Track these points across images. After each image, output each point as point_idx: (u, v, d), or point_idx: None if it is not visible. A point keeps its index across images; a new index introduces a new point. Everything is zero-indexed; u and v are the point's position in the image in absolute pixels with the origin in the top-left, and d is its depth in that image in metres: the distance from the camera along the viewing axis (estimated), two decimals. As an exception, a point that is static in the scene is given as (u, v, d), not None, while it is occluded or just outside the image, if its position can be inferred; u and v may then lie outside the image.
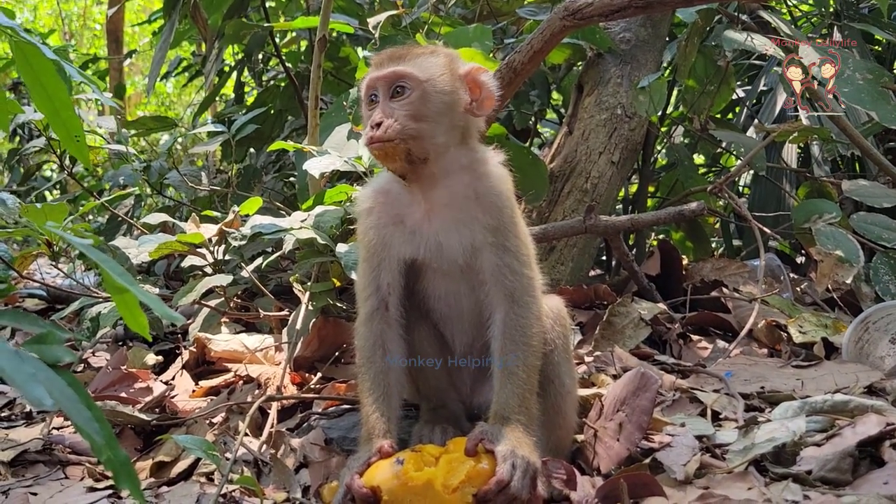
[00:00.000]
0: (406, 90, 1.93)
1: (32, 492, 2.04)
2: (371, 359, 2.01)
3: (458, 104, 1.97)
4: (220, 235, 2.97)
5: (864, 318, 2.72)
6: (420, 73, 1.94)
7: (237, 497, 1.93)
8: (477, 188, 1.98)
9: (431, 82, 1.94)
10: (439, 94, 1.94)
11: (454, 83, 1.97)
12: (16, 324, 1.35)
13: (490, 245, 1.95)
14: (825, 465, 1.71)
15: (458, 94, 1.97)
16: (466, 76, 1.99)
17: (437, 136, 1.94)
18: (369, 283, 2.05)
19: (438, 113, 1.94)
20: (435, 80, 1.94)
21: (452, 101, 1.96)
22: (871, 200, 3.31)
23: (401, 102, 1.92)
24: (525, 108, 4.70)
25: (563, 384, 2.02)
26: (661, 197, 5.02)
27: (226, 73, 6.40)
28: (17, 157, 5.12)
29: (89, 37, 16.62)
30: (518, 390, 1.85)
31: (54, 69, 1.70)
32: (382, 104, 1.94)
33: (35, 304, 4.64)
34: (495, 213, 1.96)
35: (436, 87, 1.94)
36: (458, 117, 1.97)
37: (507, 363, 1.88)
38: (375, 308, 2.04)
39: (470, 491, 1.70)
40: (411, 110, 1.92)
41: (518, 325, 1.91)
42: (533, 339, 1.91)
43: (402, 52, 1.98)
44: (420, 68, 1.94)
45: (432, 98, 1.93)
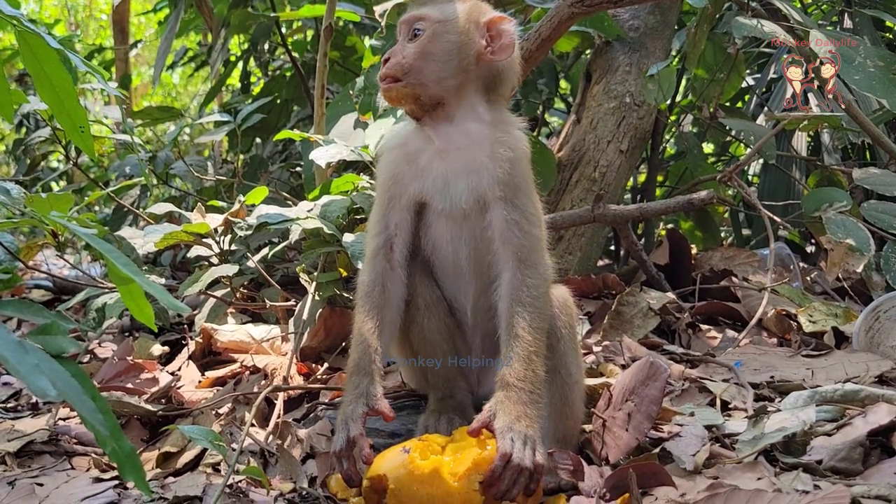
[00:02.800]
0: (421, 31, 1.98)
1: (38, 482, 2.04)
2: (369, 294, 2.03)
3: (468, 46, 1.98)
4: (226, 225, 2.96)
5: (875, 307, 2.70)
6: (436, 14, 1.98)
7: (244, 488, 1.93)
8: (492, 139, 1.99)
9: (443, 23, 1.97)
10: (449, 34, 1.97)
11: (469, 26, 1.99)
12: (20, 314, 1.34)
13: (499, 199, 1.94)
14: (835, 454, 1.70)
15: (471, 37, 1.99)
16: (488, 23, 2.01)
17: (445, 78, 1.97)
18: (378, 221, 2.06)
19: (446, 52, 1.97)
20: (448, 22, 1.98)
21: (462, 42, 1.98)
22: (882, 189, 3.28)
23: (414, 42, 1.97)
24: (533, 97, 4.69)
25: (570, 374, 2.00)
26: (669, 186, 5.00)
27: (232, 62, 6.39)
28: (23, 147, 5.11)
29: (95, 27, 16.60)
30: (523, 353, 1.83)
31: (58, 59, 1.69)
32: (399, 44, 2.00)
33: (41, 295, 4.65)
34: (507, 166, 1.96)
35: (447, 27, 1.97)
36: (470, 60, 1.99)
37: (513, 325, 1.86)
38: (381, 246, 2.05)
39: (477, 478, 1.70)
40: (419, 48, 1.96)
41: (525, 284, 1.89)
42: (540, 300, 1.89)
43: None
44: (438, 10, 1.99)
45: (441, 38, 1.97)
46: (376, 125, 3.12)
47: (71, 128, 1.78)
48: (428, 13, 1.98)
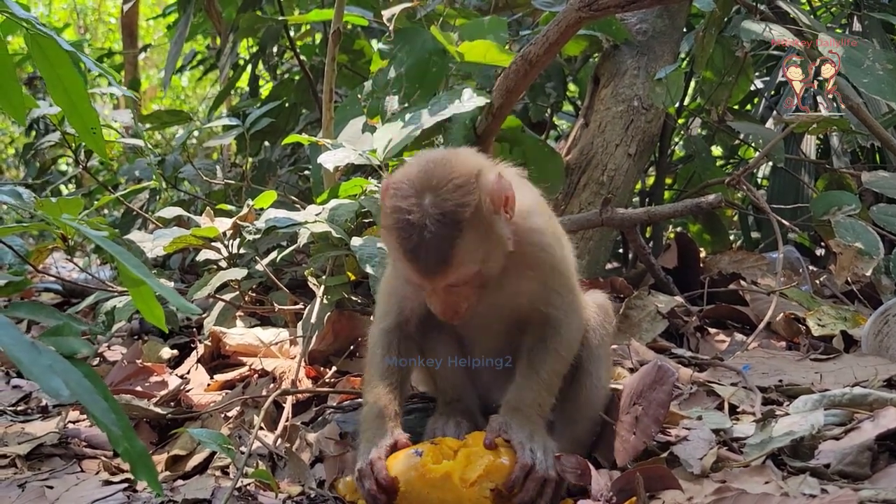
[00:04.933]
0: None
1: (48, 485, 2.05)
2: (383, 357, 2.02)
3: (502, 240, 1.79)
4: (235, 229, 2.97)
5: (884, 310, 2.69)
6: (469, 269, 1.76)
7: (252, 491, 1.93)
8: (519, 262, 1.88)
9: (484, 269, 1.78)
10: (494, 263, 1.80)
11: (493, 235, 1.77)
12: (32, 316, 1.35)
13: (536, 287, 1.92)
14: (843, 458, 1.70)
15: (500, 234, 1.78)
16: (496, 203, 1.77)
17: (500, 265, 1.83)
18: (391, 302, 2.04)
19: (495, 262, 1.80)
20: (486, 259, 1.77)
21: (499, 246, 1.79)
22: (892, 192, 3.27)
23: (460, 288, 1.80)
24: (541, 101, 4.68)
25: (599, 378, 2.02)
26: (678, 189, 4.98)
27: (240, 66, 6.41)
28: (33, 151, 5.14)
29: (104, 31, 16.64)
30: (536, 388, 1.86)
31: (70, 61, 1.70)
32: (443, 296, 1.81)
33: (51, 299, 4.67)
34: (540, 272, 1.92)
35: (489, 262, 1.78)
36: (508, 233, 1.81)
37: (534, 363, 1.88)
38: (394, 325, 2.04)
39: (488, 485, 1.70)
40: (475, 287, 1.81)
41: (554, 341, 1.90)
42: (565, 350, 1.91)
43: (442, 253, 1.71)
44: (466, 263, 1.74)
45: (490, 268, 1.80)
46: (384, 129, 3.12)
47: (83, 129, 1.79)
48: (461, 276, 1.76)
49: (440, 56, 3.38)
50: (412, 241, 1.70)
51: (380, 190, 1.86)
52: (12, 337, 1.01)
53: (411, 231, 1.69)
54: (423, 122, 3.04)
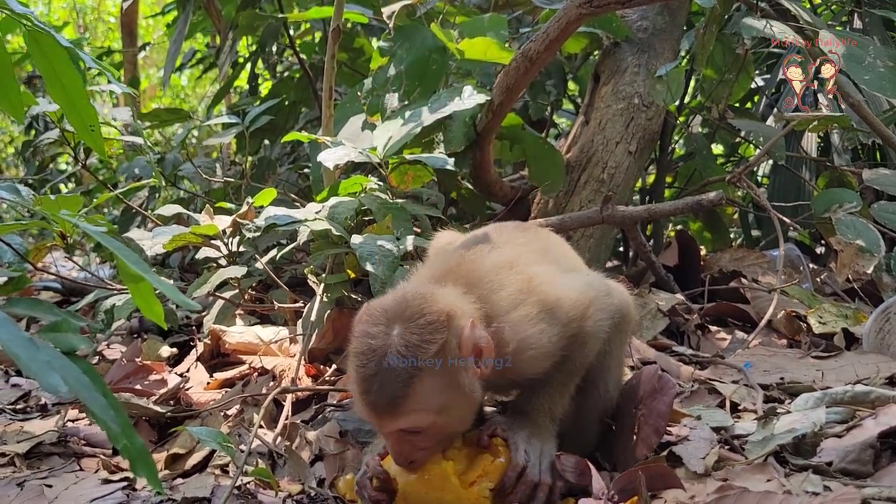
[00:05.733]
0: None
1: (47, 484, 2.04)
2: None
3: (466, 394, 1.68)
4: (235, 227, 2.96)
5: (886, 308, 2.69)
6: (422, 417, 1.65)
7: (252, 489, 1.93)
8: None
9: (439, 421, 1.67)
10: (453, 418, 1.71)
11: (457, 384, 1.66)
12: (31, 312, 1.34)
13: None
14: (846, 456, 1.69)
15: (465, 385, 1.67)
16: (465, 352, 1.66)
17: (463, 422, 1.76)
18: None
19: (455, 417, 1.71)
20: (443, 410, 1.67)
21: (462, 399, 1.69)
22: (893, 189, 3.26)
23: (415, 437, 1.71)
24: (541, 99, 4.67)
25: (607, 390, 1.98)
26: (678, 187, 4.98)
27: (240, 64, 6.40)
28: (32, 149, 5.13)
29: (103, 30, 16.63)
30: (547, 394, 1.84)
31: (69, 58, 1.69)
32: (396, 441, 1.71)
33: (50, 297, 4.66)
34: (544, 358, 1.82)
35: (447, 414, 1.68)
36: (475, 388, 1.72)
37: (549, 376, 1.84)
38: None
39: (487, 485, 1.70)
40: (434, 440, 1.73)
41: (575, 360, 1.85)
42: (582, 367, 1.87)
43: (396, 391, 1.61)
44: (420, 409, 1.64)
45: (449, 422, 1.71)
46: (384, 126, 3.12)
47: (81, 127, 1.78)
48: (413, 424, 1.66)
49: (440, 54, 3.38)
50: (368, 370, 1.62)
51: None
52: (10, 333, 1.01)
53: (371, 357, 1.62)
54: (423, 120, 3.04)
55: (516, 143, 3.70)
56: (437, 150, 3.30)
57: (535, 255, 2.00)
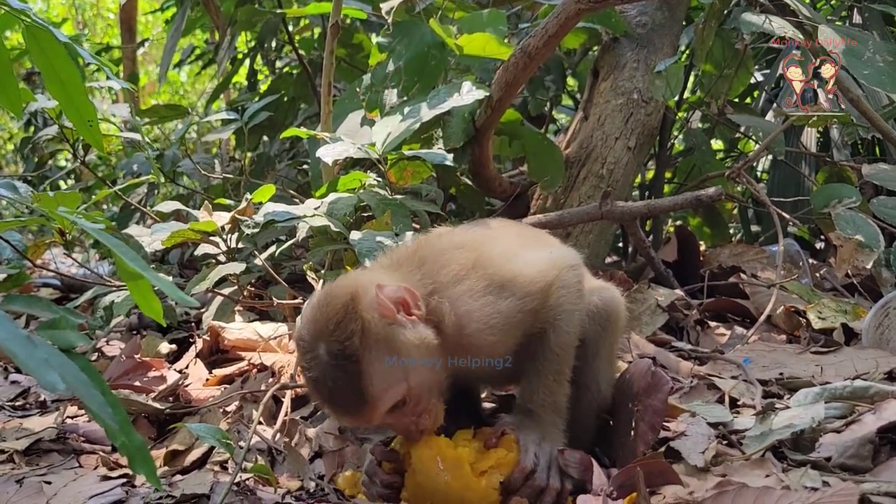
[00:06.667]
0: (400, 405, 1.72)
1: (46, 480, 2.04)
2: None
3: (415, 344, 1.70)
4: (233, 223, 2.95)
5: (885, 303, 2.69)
6: (394, 391, 1.68)
7: (251, 485, 1.93)
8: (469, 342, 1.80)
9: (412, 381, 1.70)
10: (422, 371, 1.72)
11: (400, 345, 1.68)
12: (29, 309, 1.34)
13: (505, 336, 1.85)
14: (845, 451, 1.69)
15: (409, 340, 1.70)
16: (383, 310, 1.69)
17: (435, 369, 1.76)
18: None
19: (423, 369, 1.72)
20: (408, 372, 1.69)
21: (416, 350, 1.70)
22: (892, 184, 3.25)
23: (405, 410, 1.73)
24: (540, 94, 4.67)
25: (599, 390, 1.99)
26: (678, 182, 4.98)
27: (238, 60, 6.40)
28: (30, 145, 5.12)
29: (102, 26, 16.60)
30: (546, 385, 1.83)
31: (67, 54, 1.69)
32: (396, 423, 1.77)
33: (49, 294, 4.66)
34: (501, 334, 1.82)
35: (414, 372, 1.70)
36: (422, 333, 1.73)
37: (537, 367, 1.85)
38: None
39: (498, 477, 1.71)
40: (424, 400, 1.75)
41: (552, 339, 1.84)
42: (564, 345, 1.85)
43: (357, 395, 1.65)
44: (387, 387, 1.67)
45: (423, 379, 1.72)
46: (383, 122, 3.11)
47: (80, 122, 1.78)
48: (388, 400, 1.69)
49: (439, 49, 3.37)
50: (325, 394, 1.68)
51: None
52: (8, 330, 1.00)
53: (319, 386, 1.67)
54: (422, 116, 3.03)
55: (515, 139, 3.69)
56: (437, 146, 3.30)
57: (490, 238, 2.00)
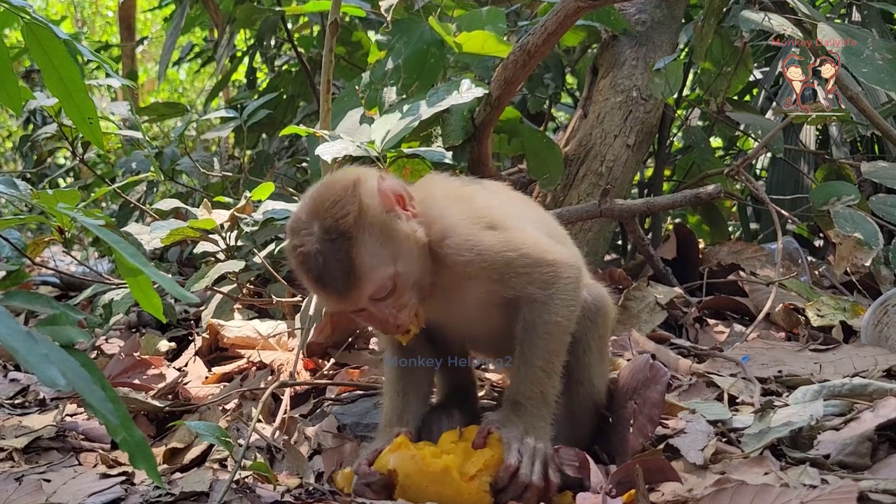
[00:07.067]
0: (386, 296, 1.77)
1: (46, 478, 2.04)
2: (391, 356, 2.02)
3: (407, 235, 1.77)
4: (233, 221, 2.96)
5: (884, 301, 2.69)
6: (381, 274, 1.73)
7: (250, 483, 1.93)
8: (452, 271, 1.84)
9: (400, 268, 1.75)
10: (410, 262, 1.77)
11: (394, 233, 1.75)
12: (29, 305, 1.34)
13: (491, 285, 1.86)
14: (843, 449, 1.69)
15: (402, 230, 1.77)
16: (387, 201, 1.77)
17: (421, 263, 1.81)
18: None
19: (411, 260, 1.77)
20: (396, 258, 1.75)
21: (406, 241, 1.77)
22: (891, 182, 3.26)
23: (387, 301, 1.77)
24: (539, 92, 4.67)
25: (592, 385, 1.98)
26: (677, 180, 4.98)
27: (238, 58, 6.39)
28: (29, 143, 5.12)
29: (101, 24, 16.61)
30: (534, 378, 1.80)
31: (66, 51, 1.69)
32: (377, 313, 1.79)
33: (49, 292, 4.66)
34: (482, 271, 1.83)
35: (402, 260, 1.76)
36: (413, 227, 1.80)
37: (525, 353, 1.82)
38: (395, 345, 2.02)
39: (487, 479, 1.70)
40: (407, 293, 1.78)
41: (541, 322, 1.81)
42: (557, 328, 1.82)
43: (344, 268, 1.69)
44: (375, 268, 1.72)
45: (410, 269, 1.77)
46: (382, 120, 3.11)
47: (79, 120, 1.78)
48: (375, 287, 1.74)
49: (438, 47, 3.37)
50: (314, 271, 1.71)
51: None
52: (8, 326, 1.00)
53: (309, 261, 1.71)
54: (422, 114, 3.03)
55: (514, 137, 3.69)
56: (436, 144, 3.30)
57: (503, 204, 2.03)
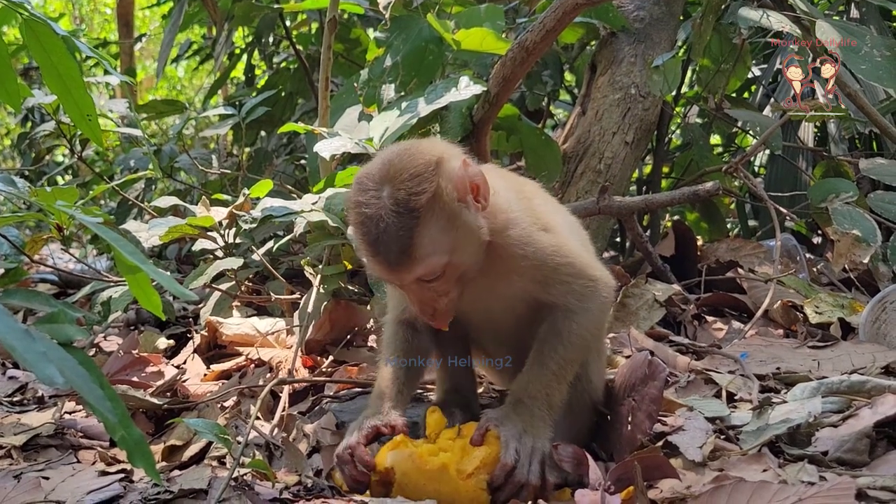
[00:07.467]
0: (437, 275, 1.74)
1: (44, 476, 2.04)
2: (394, 352, 2.02)
3: (472, 229, 1.74)
4: (231, 219, 2.96)
5: (882, 297, 2.69)
6: (435, 260, 1.70)
7: (249, 480, 1.92)
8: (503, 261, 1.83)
9: (454, 259, 1.73)
10: (466, 255, 1.75)
11: (459, 223, 1.72)
12: (27, 303, 1.34)
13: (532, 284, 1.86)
14: (841, 446, 1.69)
15: (468, 223, 1.73)
16: (461, 188, 1.72)
17: (476, 258, 1.79)
18: (396, 296, 2.03)
19: (468, 253, 1.76)
20: (454, 249, 1.72)
21: (469, 235, 1.74)
22: (889, 179, 3.26)
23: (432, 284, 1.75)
24: (538, 89, 4.67)
25: (590, 382, 1.98)
26: (675, 177, 4.98)
27: (236, 55, 6.39)
28: (27, 141, 5.11)
29: (100, 21, 16.60)
30: (544, 379, 1.81)
31: (65, 47, 1.69)
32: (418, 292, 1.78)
33: (47, 289, 4.66)
34: (530, 269, 1.84)
35: (459, 252, 1.73)
36: (480, 222, 1.77)
37: (543, 353, 1.82)
38: (401, 318, 2.04)
39: (484, 478, 1.70)
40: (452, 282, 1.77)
41: (567, 330, 1.83)
42: (580, 339, 1.84)
43: (402, 245, 1.67)
44: (431, 253, 1.69)
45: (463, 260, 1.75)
46: (381, 117, 3.11)
47: (78, 116, 1.78)
48: (428, 269, 1.71)
49: (436, 44, 3.36)
50: (371, 235, 1.67)
51: None
52: (6, 324, 1.00)
53: (369, 225, 1.67)
54: (420, 111, 3.03)
55: (513, 134, 3.69)
56: (434, 141, 3.29)
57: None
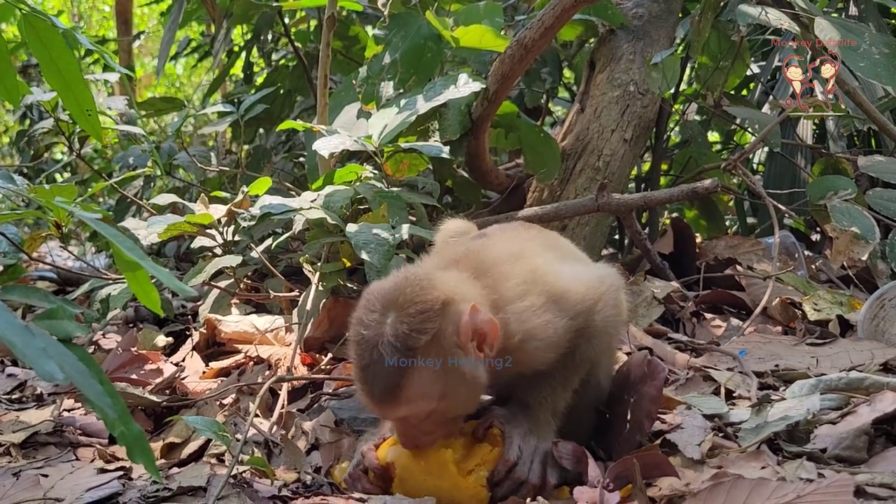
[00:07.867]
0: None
1: (43, 473, 2.04)
2: None
3: (466, 379, 1.66)
4: (230, 216, 2.96)
5: (880, 295, 2.69)
6: (421, 405, 1.65)
7: (248, 478, 1.93)
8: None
9: (442, 406, 1.67)
10: (455, 403, 1.70)
11: (455, 372, 1.64)
12: (26, 299, 1.34)
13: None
14: (840, 443, 1.70)
15: (465, 372, 1.64)
16: (462, 336, 1.63)
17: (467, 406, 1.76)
18: None
19: (458, 402, 1.71)
20: (444, 397, 1.65)
21: (462, 385, 1.67)
22: (888, 176, 3.26)
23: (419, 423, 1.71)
24: (536, 87, 4.67)
25: (599, 384, 1.98)
26: (674, 174, 4.97)
27: (235, 53, 6.39)
28: (26, 138, 5.11)
29: (98, 18, 16.59)
30: (549, 387, 1.81)
31: (64, 43, 1.69)
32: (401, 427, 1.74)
33: (46, 287, 4.65)
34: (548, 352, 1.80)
35: (448, 401, 1.67)
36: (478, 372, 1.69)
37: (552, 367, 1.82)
38: None
39: (484, 474, 1.70)
40: (439, 424, 1.73)
41: (577, 350, 1.82)
42: (587, 363, 1.85)
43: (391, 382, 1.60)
44: (418, 398, 1.63)
45: (452, 407, 1.70)
46: (379, 115, 3.11)
47: (78, 112, 1.78)
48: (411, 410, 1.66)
49: (435, 41, 3.36)
50: (364, 360, 1.62)
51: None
52: (5, 320, 1.00)
53: (364, 348, 1.62)
54: (419, 108, 3.03)
55: (512, 131, 3.69)
56: (433, 139, 3.29)
57: (540, 248, 1.98)
